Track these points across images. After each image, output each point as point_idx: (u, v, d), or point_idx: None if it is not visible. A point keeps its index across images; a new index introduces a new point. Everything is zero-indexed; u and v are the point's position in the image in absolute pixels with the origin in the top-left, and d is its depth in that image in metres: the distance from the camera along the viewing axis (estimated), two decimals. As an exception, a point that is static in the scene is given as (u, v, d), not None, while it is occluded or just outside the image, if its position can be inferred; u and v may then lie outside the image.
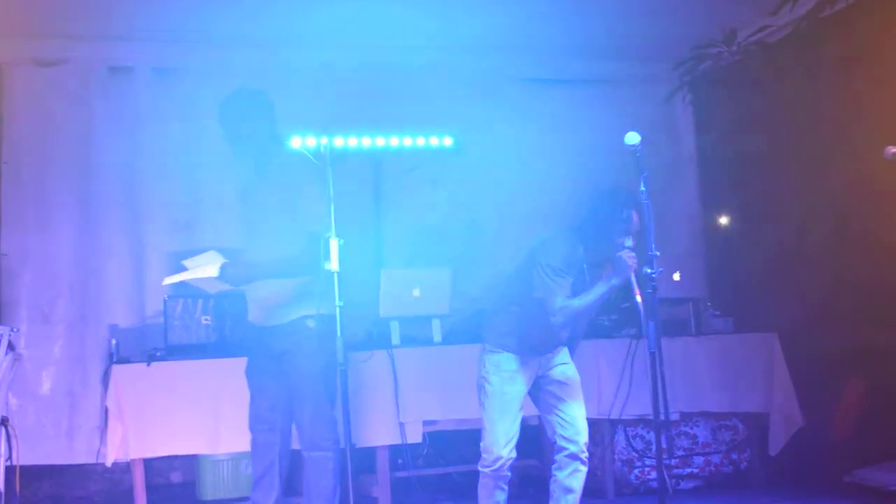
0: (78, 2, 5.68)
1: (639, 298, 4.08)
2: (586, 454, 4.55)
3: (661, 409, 3.99)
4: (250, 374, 4.63)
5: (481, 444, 4.57)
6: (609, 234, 4.33)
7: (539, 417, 4.75)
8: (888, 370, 5.76)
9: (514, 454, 4.54)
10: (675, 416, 5.77)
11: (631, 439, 6.01)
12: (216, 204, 6.36)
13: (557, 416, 4.58)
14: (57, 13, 5.77)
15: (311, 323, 4.41)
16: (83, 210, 6.23)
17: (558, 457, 4.57)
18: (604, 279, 4.33)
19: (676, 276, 6.10)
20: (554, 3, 6.07)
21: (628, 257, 4.22)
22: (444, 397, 5.50)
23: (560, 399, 4.59)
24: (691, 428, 6.12)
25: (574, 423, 4.56)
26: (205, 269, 4.42)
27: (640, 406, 5.67)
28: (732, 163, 6.89)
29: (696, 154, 7.49)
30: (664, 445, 4.05)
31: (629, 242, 4.27)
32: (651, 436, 5.91)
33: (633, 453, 6.00)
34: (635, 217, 4.29)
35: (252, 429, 4.62)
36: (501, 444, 4.50)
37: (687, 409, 5.99)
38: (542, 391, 4.63)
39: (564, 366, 4.65)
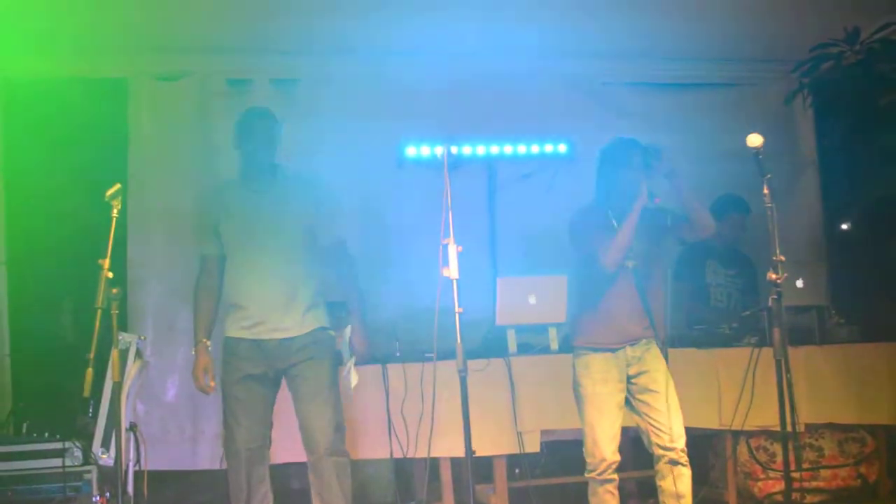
0: (197, 15, 5.82)
1: (659, 202, 4.43)
2: (685, 457, 4.53)
3: (788, 419, 3.90)
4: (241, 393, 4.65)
5: (584, 450, 4.61)
6: (615, 171, 4.62)
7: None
8: None
9: (617, 456, 4.56)
10: (800, 428, 5.61)
11: (754, 451, 5.87)
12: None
13: (651, 424, 4.58)
14: (177, 27, 5.92)
15: (332, 331, 4.72)
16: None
17: (658, 466, 4.57)
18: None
19: (799, 283, 5.94)
20: (669, 6, 5.99)
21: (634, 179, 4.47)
22: (562, 406, 5.43)
23: (651, 406, 4.58)
24: (817, 440, 5.95)
25: (668, 430, 4.54)
26: (352, 378, 4.86)
27: (764, 417, 5.53)
28: (856, 165, 6.71)
29: (818, 157, 7.30)
30: (791, 457, 3.95)
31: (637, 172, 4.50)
32: (775, 448, 5.77)
33: (757, 465, 5.86)
34: (634, 153, 4.56)
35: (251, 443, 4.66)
36: (602, 445, 4.52)
37: (812, 421, 5.83)
38: (634, 400, 4.64)
39: (653, 373, 4.62)
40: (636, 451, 5.10)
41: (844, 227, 7.36)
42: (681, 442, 4.54)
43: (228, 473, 4.66)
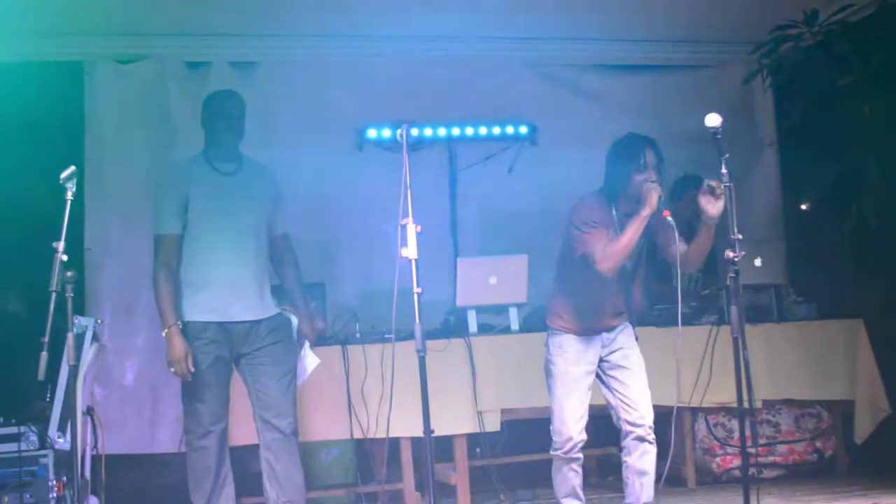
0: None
1: (668, 217, 4.25)
2: (653, 435, 4.56)
3: (745, 396, 3.93)
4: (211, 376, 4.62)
5: (551, 428, 4.63)
6: (627, 172, 4.44)
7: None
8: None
9: (584, 436, 4.58)
10: (757, 404, 5.67)
11: (712, 427, 5.93)
12: (292, 196, 6.39)
13: (621, 400, 4.60)
14: (135, 9, 5.85)
15: (290, 314, 4.75)
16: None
17: (625, 442, 4.60)
18: (635, 215, 4.36)
19: (758, 262, 5.99)
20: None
21: (651, 187, 4.32)
22: (522, 385, 5.47)
23: (622, 383, 4.60)
24: (774, 416, 6.02)
25: (638, 406, 4.57)
26: (310, 361, 4.84)
27: (722, 394, 5.59)
28: (814, 145, 6.76)
29: (777, 137, 7.36)
30: (747, 433, 3.99)
31: (651, 176, 4.38)
32: (733, 424, 5.83)
33: (715, 441, 5.92)
34: (649, 153, 4.44)
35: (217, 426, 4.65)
36: (570, 424, 4.54)
37: (769, 397, 5.89)
38: (605, 376, 4.65)
39: (627, 350, 4.65)
40: (597, 428, 5.12)
41: (803, 206, 7.41)
42: (649, 419, 4.58)
43: (191, 457, 4.63)
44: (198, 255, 4.65)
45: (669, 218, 4.27)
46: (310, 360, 4.87)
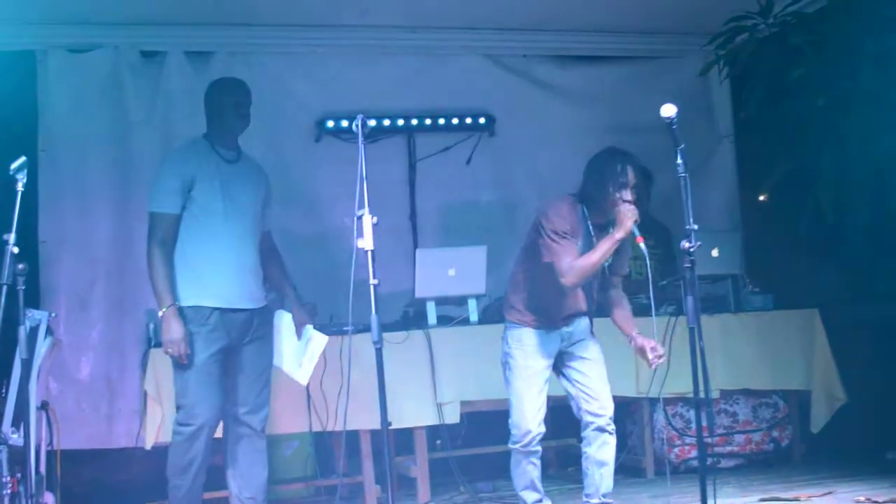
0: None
1: (641, 244, 4.24)
2: (613, 426, 4.58)
3: (702, 386, 3.95)
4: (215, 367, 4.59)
5: (509, 421, 4.63)
6: (605, 189, 4.38)
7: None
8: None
9: (542, 428, 4.58)
10: (715, 394, 5.71)
11: (670, 418, 5.96)
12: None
13: (581, 391, 4.60)
14: (89, -1, 5.78)
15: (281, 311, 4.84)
16: (120, 195, 6.23)
17: (586, 432, 4.61)
18: (608, 235, 4.36)
19: (714, 253, 6.03)
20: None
21: (627, 209, 4.29)
22: (482, 377, 5.47)
23: (583, 374, 4.61)
24: (731, 406, 6.07)
25: (598, 397, 4.58)
26: (318, 342, 4.82)
27: (680, 384, 5.60)
28: (770, 136, 6.80)
29: (734, 128, 7.40)
30: (704, 423, 4.01)
31: (628, 196, 4.34)
32: (691, 414, 5.86)
33: (673, 432, 5.96)
34: (630, 171, 4.38)
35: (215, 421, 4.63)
36: (529, 418, 4.54)
37: (727, 387, 5.93)
38: (565, 367, 4.66)
39: (586, 342, 4.66)
40: (556, 419, 5.13)
41: (760, 197, 7.46)
42: (609, 410, 4.59)
43: (181, 447, 4.53)
44: (201, 237, 4.57)
45: (643, 245, 4.26)
46: (317, 341, 4.83)
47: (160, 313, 4.53)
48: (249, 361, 4.66)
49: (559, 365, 4.67)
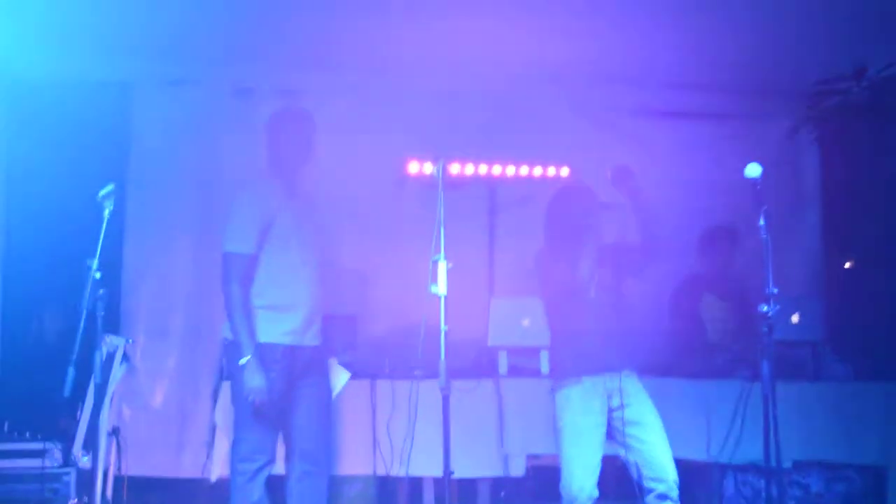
0: (204, 21, 5.81)
1: None
2: (676, 491, 4.46)
3: (773, 455, 3.86)
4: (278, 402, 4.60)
5: (561, 485, 4.54)
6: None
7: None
8: None
9: (596, 492, 4.47)
10: (787, 464, 5.56)
11: (741, 486, 5.82)
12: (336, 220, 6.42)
13: (640, 457, 4.49)
14: (184, 32, 5.91)
15: None
16: (203, 227, 6.32)
17: (648, 498, 4.50)
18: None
19: (795, 318, 5.90)
20: (673, 33, 5.96)
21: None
22: (550, 431, 5.40)
23: (639, 440, 4.51)
24: (804, 478, 5.90)
25: (658, 462, 4.46)
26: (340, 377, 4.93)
27: (752, 452, 5.47)
28: (858, 202, 6.68)
29: (821, 192, 7.27)
30: (774, 493, 3.92)
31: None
32: (762, 483, 5.72)
33: (742, 500, 5.81)
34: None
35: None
36: (578, 479, 4.45)
37: (800, 458, 5.77)
38: (618, 433, 4.55)
39: (639, 405, 4.56)
40: (619, 480, 5.02)
41: (847, 264, 7.31)
42: (673, 475, 4.49)
43: (244, 488, 4.55)
44: (280, 277, 4.61)
45: None
46: (339, 376, 4.85)
47: (243, 361, 4.51)
48: (317, 398, 4.69)
49: (614, 432, 4.58)
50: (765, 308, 3.91)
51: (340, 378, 4.91)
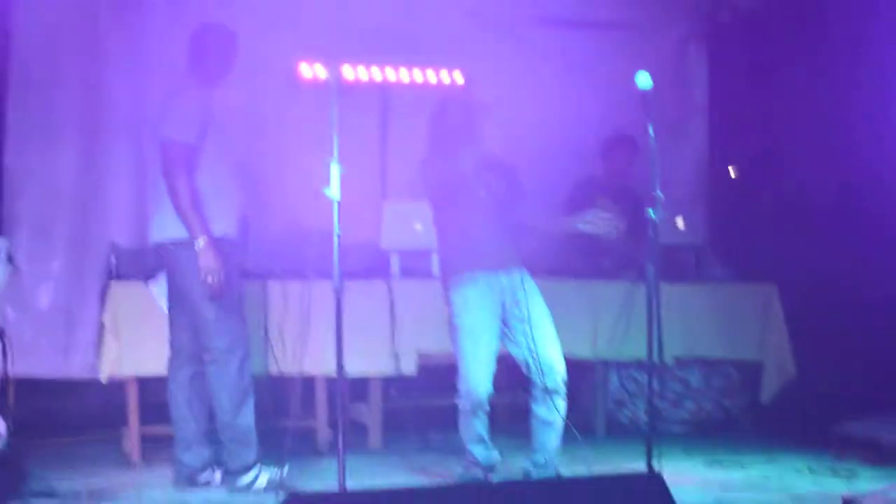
0: None
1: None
2: (564, 388, 4.61)
3: (655, 352, 4.02)
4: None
5: (457, 380, 4.63)
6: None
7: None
8: (887, 327, 5.78)
9: (490, 388, 4.60)
10: (669, 361, 5.79)
11: (624, 381, 6.04)
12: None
13: (530, 353, 4.59)
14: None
15: None
16: (89, 129, 6.20)
17: (535, 391, 4.63)
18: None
19: (680, 223, 6.07)
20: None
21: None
22: (440, 330, 5.49)
23: (530, 337, 4.59)
24: (685, 373, 6.15)
25: (547, 358, 4.59)
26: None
27: (636, 349, 5.67)
28: (743, 114, 6.85)
29: (708, 103, 7.42)
30: (656, 388, 4.08)
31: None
32: (644, 378, 5.93)
33: (625, 394, 6.04)
34: None
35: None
36: (475, 374, 4.56)
37: (681, 354, 6.00)
38: (510, 330, 4.66)
39: (531, 304, 4.65)
40: (508, 374, 5.15)
41: (731, 172, 7.51)
42: (561, 370, 4.62)
43: (238, 374, 4.70)
44: (215, 170, 4.65)
45: None
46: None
47: (200, 245, 4.54)
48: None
49: (504, 329, 4.67)
50: (651, 212, 4.01)
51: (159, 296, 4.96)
